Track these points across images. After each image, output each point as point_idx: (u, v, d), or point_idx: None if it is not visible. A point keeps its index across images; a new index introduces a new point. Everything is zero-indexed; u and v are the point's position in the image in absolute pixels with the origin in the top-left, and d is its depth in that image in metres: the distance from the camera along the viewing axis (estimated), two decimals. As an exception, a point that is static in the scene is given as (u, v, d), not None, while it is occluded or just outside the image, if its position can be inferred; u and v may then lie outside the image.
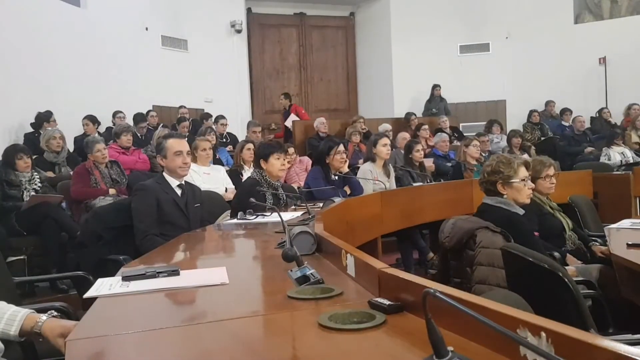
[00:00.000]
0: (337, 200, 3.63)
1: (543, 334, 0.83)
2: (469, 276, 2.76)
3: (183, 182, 3.30)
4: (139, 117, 8.05)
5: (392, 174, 5.31)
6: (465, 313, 0.78)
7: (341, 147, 4.70)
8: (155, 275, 1.66)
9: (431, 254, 5.08)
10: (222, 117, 8.49)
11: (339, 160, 4.66)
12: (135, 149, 6.43)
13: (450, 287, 1.09)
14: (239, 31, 10.64)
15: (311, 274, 1.48)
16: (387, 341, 1.07)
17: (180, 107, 8.95)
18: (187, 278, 1.67)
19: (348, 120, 9.41)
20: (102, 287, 1.60)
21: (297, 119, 9.12)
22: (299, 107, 9.42)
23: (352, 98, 12.06)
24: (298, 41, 11.67)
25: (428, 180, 5.63)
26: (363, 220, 3.94)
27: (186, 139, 6.65)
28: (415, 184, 5.28)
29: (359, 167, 5.39)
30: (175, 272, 1.69)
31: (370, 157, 5.23)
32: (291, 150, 6.81)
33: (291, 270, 1.53)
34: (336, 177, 4.66)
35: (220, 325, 1.22)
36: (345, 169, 4.87)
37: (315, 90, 11.80)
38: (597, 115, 9.61)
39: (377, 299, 1.24)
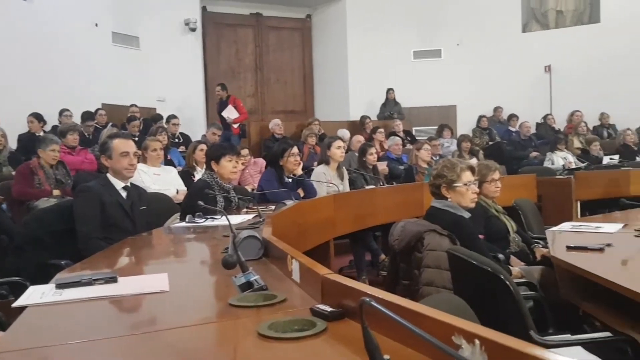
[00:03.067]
0: (290, 202, 3.62)
1: (477, 342, 0.84)
2: (417, 278, 2.80)
3: (129, 184, 3.21)
4: (86, 116, 7.82)
5: (346, 177, 5.34)
6: (399, 323, 0.78)
7: (295, 149, 4.69)
8: (91, 282, 1.59)
9: (383, 256, 5.13)
10: (174, 116, 8.34)
11: (293, 162, 4.65)
12: (82, 148, 6.24)
13: (390, 294, 1.10)
14: (193, 30, 10.48)
15: (255, 280, 1.46)
16: (327, 349, 1.06)
17: (131, 105, 8.74)
18: (126, 285, 1.61)
19: (304, 122, 9.42)
20: (33, 295, 1.53)
21: (235, 111, 9.02)
22: (237, 99, 9.32)
23: (309, 100, 12.07)
24: (254, 42, 11.59)
25: (381, 183, 5.69)
26: (316, 223, 3.93)
27: (137, 138, 6.64)
28: (368, 187, 5.31)
29: (314, 170, 5.40)
30: (112, 279, 1.63)
31: (325, 160, 5.23)
32: (245, 151, 6.77)
33: (235, 277, 1.51)
34: (290, 180, 4.65)
35: (156, 337, 1.19)
36: (299, 171, 4.86)
37: (271, 92, 11.75)
38: (542, 121, 9.95)
39: (319, 305, 1.23)
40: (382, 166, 6.73)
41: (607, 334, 2.06)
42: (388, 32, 11.06)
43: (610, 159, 7.47)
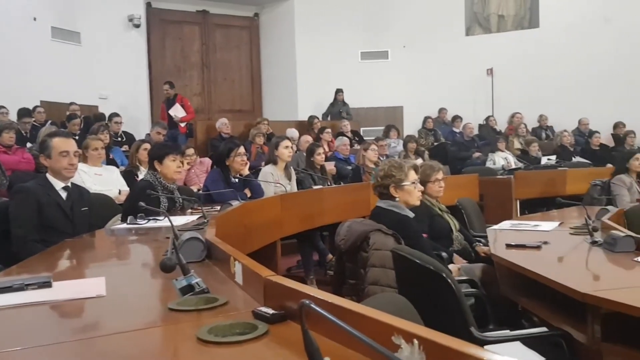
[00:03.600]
0: (236, 203, 3.58)
1: (416, 341, 0.85)
2: (363, 277, 2.82)
3: (69, 184, 3.09)
4: (23, 113, 7.48)
5: (294, 177, 5.32)
6: (338, 325, 0.78)
7: (241, 149, 4.64)
8: (23, 287, 1.52)
9: (330, 256, 5.14)
10: (117, 114, 8.10)
11: (240, 162, 4.60)
12: (18, 147, 5.97)
13: (331, 295, 1.09)
14: (137, 26, 10.21)
15: (196, 283, 1.43)
16: (268, 353, 1.05)
17: (71, 103, 8.43)
18: (60, 290, 1.54)
19: (252, 122, 9.34)
20: (-40, 301, 1.45)
21: (182, 109, 8.88)
22: (184, 98, 9.17)
23: (257, 99, 11.98)
24: (201, 39, 11.40)
25: (328, 183, 5.71)
26: (262, 224, 3.91)
27: (77, 137, 6.41)
28: (315, 187, 5.33)
29: (261, 170, 5.36)
30: (46, 284, 1.56)
31: (272, 160, 5.20)
32: (191, 151, 6.66)
33: (176, 280, 1.47)
34: (236, 180, 4.59)
35: (90, 344, 1.14)
36: (246, 171, 4.82)
37: (218, 90, 11.59)
38: (485, 122, 10.25)
39: (261, 308, 1.22)
40: (330, 166, 6.76)
41: (543, 329, 2.14)
42: (336, 33, 11.12)
43: (548, 159, 7.77)
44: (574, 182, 6.34)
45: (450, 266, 3.11)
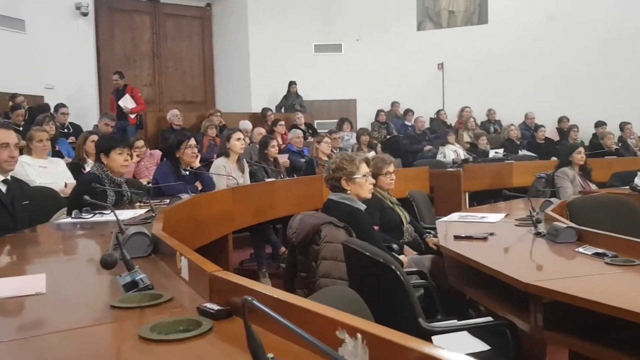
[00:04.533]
0: (185, 196, 3.52)
1: (359, 336, 0.85)
2: (315, 270, 2.83)
3: (9, 177, 2.97)
4: (-39, 103, 7.14)
5: (247, 170, 5.28)
6: (279, 322, 0.77)
7: (192, 141, 4.56)
8: (-45, 286, 1.45)
9: (283, 249, 5.13)
10: (63, 105, 7.82)
11: (190, 154, 4.52)
12: (-45, 139, 5.67)
13: (277, 290, 1.09)
14: (85, 14, 9.87)
15: (140, 279, 1.40)
16: (211, 350, 1.03)
17: (15, 93, 8.08)
18: (-4, 288, 1.48)
19: (204, 113, 9.20)
20: None
21: (132, 100, 8.68)
22: (135, 89, 8.96)
23: (209, 90, 11.80)
24: (151, 29, 11.13)
25: (281, 176, 5.69)
26: (213, 217, 3.86)
27: (21, 128, 6.15)
28: (268, 180, 5.29)
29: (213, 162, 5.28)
30: (-19, 282, 1.50)
31: (224, 152, 5.13)
32: (140, 143, 6.51)
33: (120, 276, 1.43)
34: (187, 173, 4.52)
35: (27, 343, 1.10)
36: (197, 163, 4.74)
37: (169, 81, 11.35)
38: (436, 116, 10.43)
39: (206, 304, 1.20)
40: (284, 159, 6.73)
41: (489, 318, 2.19)
42: (289, 25, 11.07)
43: (496, 152, 7.99)
44: (520, 175, 6.53)
45: (401, 257, 3.15)
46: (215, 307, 1.17)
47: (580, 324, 1.85)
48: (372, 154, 6.97)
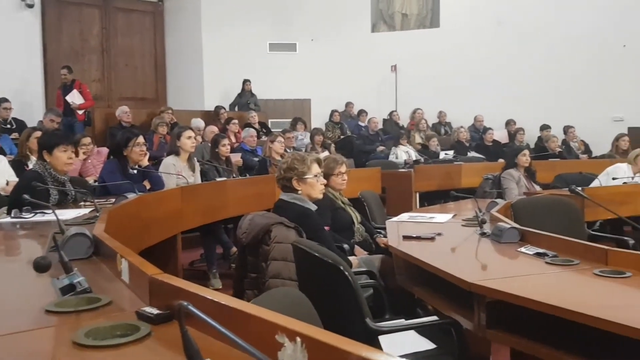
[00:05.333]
0: (132, 196, 3.44)
1: (298, 339, 0.84)
2: (264, 271, 2.81)
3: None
4: None
5: (197, 169, 5.19)
6: (214, 327, 0.75)
7: (140, 139, 4.44)
8: None
9: (234, 249, 5.07)
10: (6, 100, 7.50)
11: (138, 152, 4.40)
12: None
13: (217, 293, 1.07)
14: (30, 6, 9.50)
15: (79, 282, 1.35)
16: (148, 356, 1.00)
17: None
18: None
19: (155, 111, 9.01)
20: None
21: (80, 96, 8.43)
22: (83, 84, 8.71)
23: (161, 87, 11.56)
24: (101, 23, 10.81)
25: (233, 175, 5.63)
26: (161, 217, 3.78)
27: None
28: (219, 179, 5.23)
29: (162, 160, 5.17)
30: None
31: (174, 150, 5.04)
32: (87, 140, 6.33)
33: (57, 279, 1.37)
34: (135, 171, 4.40)
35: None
36: (146, 162, 4.63)
37: (119, 77, 11.06)
38: (389, 117, 10.56)
39: (145, 308, 1.17)
40: (236, 158, 6.67)
41: (434, 318, 2.23)
42: (244, 23, 10.97)
43: (446, 154, 8.15)
44: (468, 176, 6.69)
45: (351, 258, 3.17)
46: (155, 311, 1.14)
47: (523, 323, 1.90)
48: (325, 153, 7.00)
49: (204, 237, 4.97)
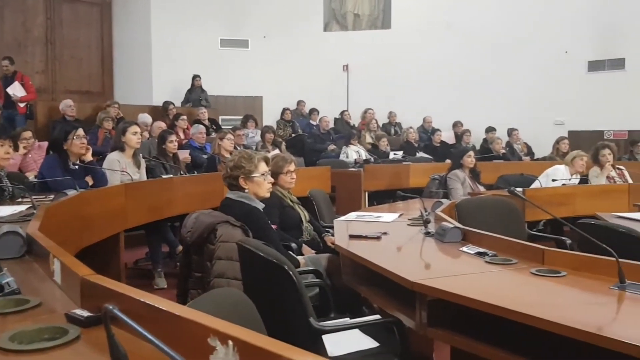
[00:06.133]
0: (72, 192, 3.32)
1: (230, 343, 0.83)
2: (209, 270, 2.77)
3: None
4: None
5: (143, 165, 5.07)
6: (139, 332, 0.73)
7: (80, 131, 4.27)
8: None
9: (181, 247, 4.97)
10: (-59, 90, 7.14)
11: (79, 145, 4.23)
12: None
13: (149, 295, 1.04)
14: (-31, -7, 9.06)
15: (7, 282, 1.29)
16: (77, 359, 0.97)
17: None
18: None
19: (101, 105, 8.76)
20: None
21: (22, 88, 8.12)
22: (25, 76, 8.39)
23: (107, 81, 11.25)
24: (45, 13, 10.41)
25: (181, 173, 5.52)
26: (103, 215, 3.67)
27: None
28: (165, 176, 5.12)
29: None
30: None
31: (119, 146, 4.90)
32: (28, 134, 6.08)
33: (-17, 280, 1.31)
34: (76, 167, 4.25)
35: None
36: (89, 156, 4.48)
37: (64, 69, 10.69)
38: (340, 116, 10.62)
39: (75, 310, 1.12)
40: (185, 155, 6.55)
41: (377, 316, 2.25)
42: (195, 17, 10.80)
43: (395, 154, 8.26)
44: (416, 176, 6.80)
45: (298, 258, 3.17)
46: (86, 313, 1.10)
47: (464, 321, 1.94)
48: (276, 152, 6.97)
49: (149, 236, 4.86)
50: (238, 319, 1.49)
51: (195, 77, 10.37)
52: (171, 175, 5.15)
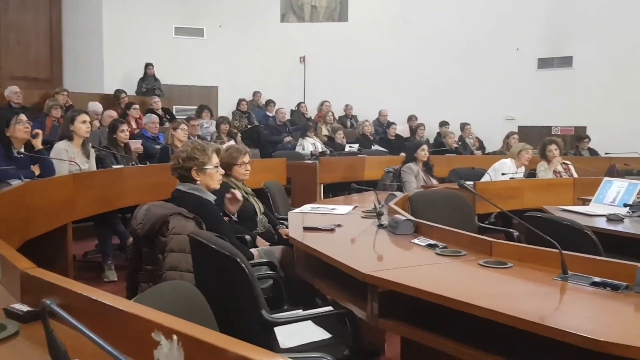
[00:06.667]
0: (16, 182, 3.20)
1: (175, 337, 0.81)
2: (161, 263, 2.72)
3: None
4: None
5: (93, 155, 4.93)
6: (76, 328, 0.71)
7: (22, 117, 4.12)
8: None
9: (132, 239, 4.88)
10: None
11: (23, 130, 4.08)
12: None
13: (92, 288, 1.01)
14: None
15: (-60, 277, 1.23)
16: (12, 357, 0.93)
17: None
18: None
19: (50, 92, 8.46)
20: None
21: None
22: None
23: (56, 68, 10.87)
24: (-10, -4, 9.97)
25: (133, 163, 5.40)
26: (50, 205, 3.56)
27: None
28: (116, 167, 4.99)
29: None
30: None
31: (67, 135, 4.75)
32: (-31, 121, 5.81)
33: None
34: (21, 155, 4.10)
35: None
36: (39, 145, 4.32)
37: (10, 55, 10.26)
38: (296, 108, 10.59)
39: (14, 305, 1.08)
40: (136, 145, 6.40)
41: (329, 308, 2.26)
42: (149, 4, 10.55)
43: (350, 146, 8.31)
44: (371, 169, 6.87)
45: (252, 251, 3.15)
46: (25, 308, 1.06)
47: (416, 312, 1.97)
48: (231, 143, 6.89)
49: (98, 227, 4.74)
50: (187, 312, 1.47)
51: (148, 66, 10.14)
52: (122, 166, 5.03)
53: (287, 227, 3.68)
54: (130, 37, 10.38)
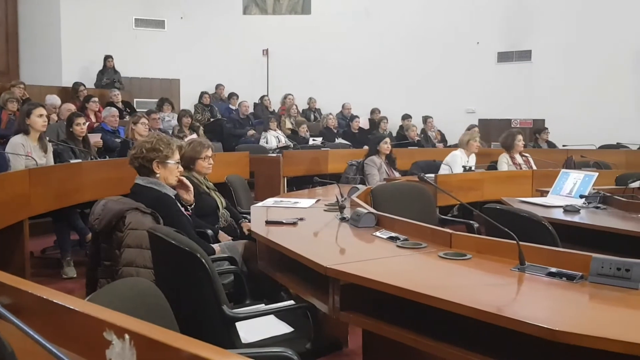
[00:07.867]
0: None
1: (127, 337, 0.79)
2: (118, 258, 2.68)
3: None
4: None
5: (50, 149, 4.81)
6: (21, 329, 0.69)
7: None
8: None
9: (90, 235, 4.78)
10: None
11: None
12: None
13: (45, 288, 0.98)
14: None
15: None
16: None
17: None
18: None
19: (5, 85, 8.20)
20: None
21: None
22: None
23: (12, 60, 10.53)
24: (-57, -14, 9.57)
25: (91, 157, 5.28)
26: (5, 201, 3.47)
27: None
28: (74, 161, 4.88)
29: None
30: None
31: (23, 129, 4.61)
32: None
33: None
34: (-26, 151, 3.97)
35: None
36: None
37: (-37, 47, 9.91)
38: (260, 101, 10.54)
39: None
40: (96, 138, 6.25)
41: (291, 302, 2.26)
42: (107, -7, 10.32)
43: (314, 140, 8.32)
44: (335, 162, 6.89)
45: (214, 245, 3.12)
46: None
47: (378, 305, 1.99)
48: (193, 136, 6.80)
49: (56, 223, 4.63)
50: (144, 309, 1.45)
51: (108, 58, 9.93)
52: (80, 160, 4.91)
53: (249, 222, 3.67)
54: (89, 28, 10.14)
